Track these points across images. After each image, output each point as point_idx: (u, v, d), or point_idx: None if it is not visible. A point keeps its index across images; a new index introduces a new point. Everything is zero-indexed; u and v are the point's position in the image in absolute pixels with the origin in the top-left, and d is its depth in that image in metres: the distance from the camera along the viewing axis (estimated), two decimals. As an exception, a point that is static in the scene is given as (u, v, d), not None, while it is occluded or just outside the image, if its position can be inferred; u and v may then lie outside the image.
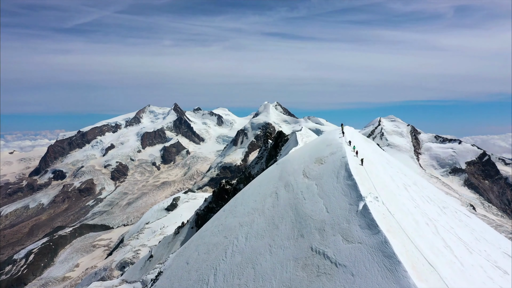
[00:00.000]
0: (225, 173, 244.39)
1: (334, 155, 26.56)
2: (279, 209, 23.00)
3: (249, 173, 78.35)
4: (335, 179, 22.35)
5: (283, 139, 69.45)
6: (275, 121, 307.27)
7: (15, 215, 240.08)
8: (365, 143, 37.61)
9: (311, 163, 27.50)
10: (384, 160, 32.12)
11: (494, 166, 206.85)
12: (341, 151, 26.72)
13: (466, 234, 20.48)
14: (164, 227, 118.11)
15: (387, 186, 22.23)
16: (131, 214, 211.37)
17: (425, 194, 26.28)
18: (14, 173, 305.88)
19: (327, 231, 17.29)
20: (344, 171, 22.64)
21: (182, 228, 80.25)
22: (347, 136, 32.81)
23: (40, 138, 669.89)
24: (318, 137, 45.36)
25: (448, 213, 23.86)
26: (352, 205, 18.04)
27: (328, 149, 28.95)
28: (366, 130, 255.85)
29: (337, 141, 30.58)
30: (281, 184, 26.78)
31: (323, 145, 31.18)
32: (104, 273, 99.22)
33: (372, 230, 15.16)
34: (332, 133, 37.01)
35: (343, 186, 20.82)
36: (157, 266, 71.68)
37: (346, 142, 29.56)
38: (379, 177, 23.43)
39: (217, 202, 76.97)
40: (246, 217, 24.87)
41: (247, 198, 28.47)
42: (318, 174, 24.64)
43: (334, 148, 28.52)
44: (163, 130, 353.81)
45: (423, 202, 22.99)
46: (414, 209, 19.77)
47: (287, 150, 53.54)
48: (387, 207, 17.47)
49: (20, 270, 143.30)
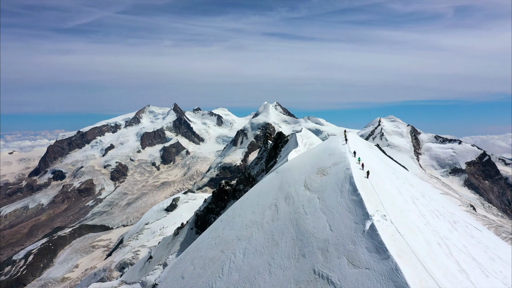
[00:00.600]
0: (225, 173, 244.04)
1: (337, 166, 25.45)
2: (279, 224, 21.95)
3: (249, 174, 78.06)
4: (339, 193, 21.23)
5: (283, 140, 69.27)
6: (274, 121, 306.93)
7: (15, 215, 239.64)
8: (368, 149, 36.32)
9: (312, 173, 26.34)
10: (390, 170, 31.06)
11: (494, 166, 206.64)
12: (344, 162, 25.57)
13: (480, 253, 19.49)
14: (163, 227, 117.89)
15: (395, 201, 21.21)
16: (131, 215, 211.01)
17: (434, 207, 25.33)
18: (14, 173, 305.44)
19: (331, 252, 16.17)
20: (349, 184, 21.56)
21: (182, 229, 79.98)
22: (350, 143, 31.53)
23: (39, 138, 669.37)
24: (320, 143, 43.33)
25: (459, 229, 22.98)
26: (358, 224, 16.91)
27: (330, 159, 27.81)
28: (366, 130, 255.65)
29: (340, 150, 29.38)
30: (281, 196, 25.66)
31: (325, 154, 29.93)
32: (104, 274, 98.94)
33: (381, 255, 14.02)
34: (335, 140, 35.58)
35: (348, 202, 19.66)
36: (157, 267, 71.57)
37: (350, 151, 28.36)
38: (386, 190, 22.42)
39: (216, 203, 76.71)
40: (244, 230, 23.84)
41: (245, 209, 27.30)
42: (321, 187, 23.53)
43: (337, 158, 27.32)
44: (163, 130, 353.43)
45: (432, 218, 21.98)
46: (424, 227, 18.75)
47: (287, 151, 53.37)
48: (396, 227, 16.37)
49: (19, 271, 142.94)
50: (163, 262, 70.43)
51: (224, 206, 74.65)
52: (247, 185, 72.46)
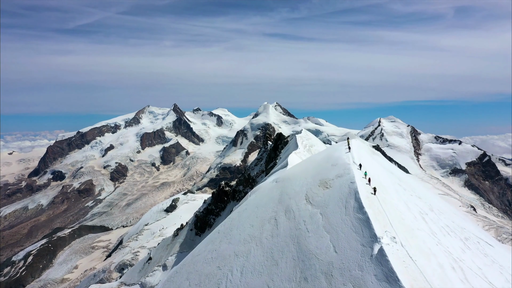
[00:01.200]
0: (225, 173, 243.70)
1: (341, 179, 23.99)
2: (279, 241, 20.81)
3: (249, 175, 77.78)
4: (343, 209, 20.00)
5: (282, 141, 69.02)
6: (274, 121, 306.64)
7: (14, 216, 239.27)
8: (372, 157, 34.79)
9: (314, 185, 24.99)
10: (396, 181, 29.52)
11: (495, 166, 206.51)
12: (349, 175, 24.11)
13: (496, 275, 18.35)
14: (163, 228, 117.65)
15: (404, 218, 20.02)
16: (131, 215, 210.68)
17: (444, 222, 24.21)
18: (13, 174, 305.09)
19: (335, 278, 15.09)
20: (354, 200, 20.29)
21: (181, 230, 79.74)
22: (353, 151, 30.09)
23: (39, 139, 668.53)
24: (321, 151, 40.96)
25: (472, 246, 21.97)
26: (365, 247, 15.73)
27: (333, 170, 26.29)
28: (366, 130, 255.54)
29: (343, 160, 27.75)
30: (281, 209, 24.39)
31: (328, 164, 28.31)
32: (103, 275, 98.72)
33: (392, 285, 12.93)
34: (337, 148, 33.86)
35: (353, 220, 18.45)
36: (156, 268, 71.31)
37: (354, 162, 26.88)
38: (394, 206, 21.24)
39: (216, 204, 76.49)
40: (242, 245, 22.68)
41: (243, 221, 25.96)
42: (323, 201, 22.31)
43: (341, 169, 25.76)
44: (163, 130, 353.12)
45: (443, 235, 20.91)
46: (436, 248, 17.69)
47: (287, 153, 53.11)
48: (407, 251, 15.19)
49: (18, 272, 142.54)
50: (163, 264, 70.20)
51: (224, 207, 74.41)
52: (247, 186, 72.19)
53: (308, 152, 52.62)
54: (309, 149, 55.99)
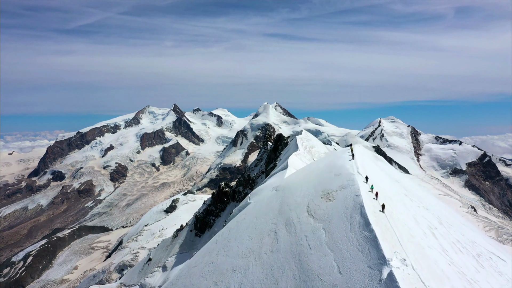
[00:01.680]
0: (225, 174, 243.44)
1: (345, 191, 22.79)
2: (279, 256, 19.68)
3: (249, 176, 77.57)
4: (348, 225, 18.88)
5: (282, 142, 68.89)
6: (274, 122, 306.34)
7: (14, 216, 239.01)
8: (376, 164, 33.11)
9: (316, 197, 23.86)
10: (402, 191, 28.20)
11: (495, 167, 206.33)
12: (353, 186, 22.75)
13: None
14: (163, 229, 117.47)
15: (413, 235, 18.90)
16: (130, 216, 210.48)
17: (454, 236, 23.22)
18: (13, 174, 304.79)
19: None
20: (359, 216, 19.07)
21: (181, 231, 79.54)
22: (357, 159, 28.89)
23: (39, 139, 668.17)
24: (324, 157, 38.95)
25: (485, 264, 21.01)
26: (373, 270, 14.68)
27: (337, 180, 24.99)
28: (366, 131, 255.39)
29: (347, 170, 26.28)
30: (281, 221, 23.23)
31: (331, 173, 26.92)
32: (103, 276, 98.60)
33: None
34: (340, 156, 32.31)
35: (359, 238, 17.27)
36: (156, 269, 71.08)
37: (359, 172, 25.57)
38: (402, 221, 20.15)
39: (216, 205, 76.23)
40: (240, 259, 21.62)
41: (242, 232, 24.86)
42: (326, 215, 21.13)
43: (345, 180, 24.45)
44: (163, 131, 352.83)
45: (455, 252, 19.94)
46: (449, 269, 16.77)
47: (287, 154, 52.88)
48: (419, 274, 14.14)
49: (18, 272, 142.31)
50: (162, 265, 69.97)
51: (224, 208, 74.17)
52: (247, 187, 71.97)
53: (308, 153, 52.45)
54: (309, 151, 55.76)
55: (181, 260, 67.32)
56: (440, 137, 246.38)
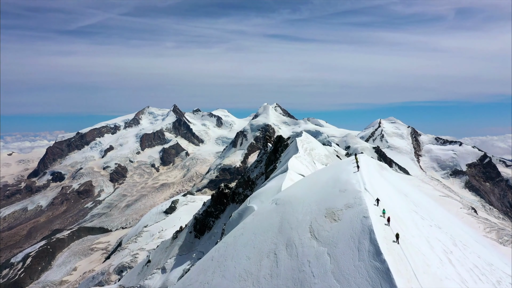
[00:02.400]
0: (225, 175, 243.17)
1: (351, 210, 21.09)
2: (279, 283, 18.13)
3: (248, 177, 77.30)
4: (356, 252, 17.22)
5: (282, 144, 68.69)
6: (274, 122, 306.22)
7: (13, 217, 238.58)
8: (381, 175, 30.90)
9: (320, 215, 22.14)
10: (412, 207, 26.24)
11: (495, 168, 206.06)
12: (360, 206, 20.97)
13: None
14: (162, 230, 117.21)
15: (429, 264, 17.34)
16: (130, 216, 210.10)
17: (471, 261, 21.61)
18: (13, 175, 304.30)
19: None
20: (369, 242, 17.37)
21: (181, 233, 79.24)
22: (363, 172, 26.93)
23: (39, 139, 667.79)
24: (327, 167, 35.85)
25: None
26: None
27: (342, 197, 23.12)
28: (366, 132, 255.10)
29: (353, 186, 24.29)
30: (282, 241, 21.51)
31: (335, 188, 24.87)
32: (102, 277, 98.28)
33: None
34: (345, 167, 30.06)
35: (369, 269, 15.76)
36: (155, 271, 70.73)
37: (366, 188, 23.60)
38: (416, 248, 18.51)
39: (215, 206, 75.93)
40: (237, 282, 20.23)
41: (239, 250, 23.29)
42: (331, 237, 19.44)
43: (351, 197, 22.57)
44: (162, 131, 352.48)
45: (475, 282, 18.26)
46: None
47: (287, 156, 52.55)
48: None
49: (17, 274, 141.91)
50: (162, 266, 69.68)
51: (223, 210, 73.85)
52: (247, 189, 71.70)
53: (309, 156, 52.08)
54: (309, 153, 55.42)
55: (180, 262, 67.01)
56: (440, 138, 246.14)
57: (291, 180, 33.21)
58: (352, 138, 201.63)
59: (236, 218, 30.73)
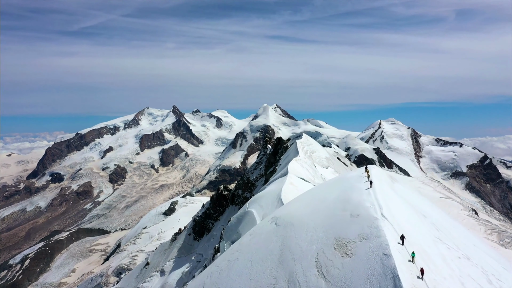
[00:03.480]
0: (224, 176, 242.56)
1: (367, 243, 17.62)
2: None
3: (248, 179, 76.58)
4: None
5: (282, 146, 68.02)
6: (274, 123, 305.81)
7: (12, 218, 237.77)
8: (393, 190, 27.15)
9: (328, 246, 18.78)
10: (433, 231, 22.35)
11: (496, 169, 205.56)
12: (379, 238, 17.37)
13: None
14: (161, 232, 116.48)
15: None
16: (129, 218, 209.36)
17: None
18: (12, 175, 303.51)
19: None
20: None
21: (179, 235, 78.50)
22: (376, 190, 22.92)
23: (39, 140, 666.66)
24: (333, 181, 30.70)
25: None
26: None
27: (355, 224, 19.36)
28: (366, 133, 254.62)
29: (367, 210, 20.24)
30: (283, 275, 18.39)
31: (345, 211, 20.97)
32: (100, 279, 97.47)
33: None
34: (354, 184, 25.66)
35: None
36: (153, 274, 70.01)
37: (383, 214, 19.92)
38: None
39: (214, 208, 75.21)
40: None
41: (233, 280, 20.49)
42: (344, 279, 16.28)
43: (365, 225, 18.81)
44: (162, 132, 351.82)
45: None
46: None
47: (287, 159, 51.93)
48: None
49: (15, 275, 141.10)
50: (160, 269, 68.93)
51: (223, 212, 73.14)
52: (246, 190, 70.98)
53: (309, 158, 51.39)
54: (310, 156, 54.71)
55: (179, 265, 66.33)
56: (441, 139, 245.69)
57: (291, 184, 32.29)
58: (352, 139, 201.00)
59: (235, 224, 29.92)
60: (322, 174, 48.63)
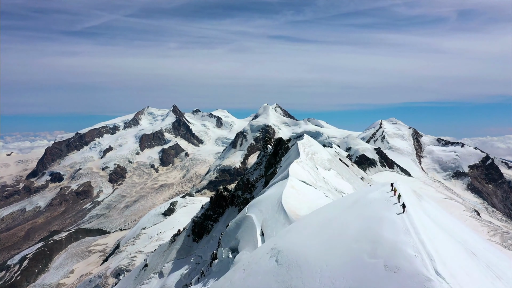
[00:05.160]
0: (224, 176, 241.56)
1: None
2: None
3: (248, 180, 75.50)
4: None
5: (283, 146, 66.93)
6: (274, 123, 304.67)
7: (12, 218, 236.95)
8: (424, 212, 19.50)
9: None
10: (481, 266, 15.45)
11: (498, 169, 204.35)
12: None
13: None
14: (160, 232, 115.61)
15: None
16: (129, 218, 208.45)
17: None
18: (11, 175, 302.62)
19: None
20: None
21: (178, 236, 77.54)
22: (412, 216, 16.42)
23: (39, 139, 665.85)
24: (352, 203, 21.30)
25: None
26: None
27: (392, 282, 12.21)
28: (367, 132, 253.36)
29: (412, 261, 12.76)
30: None
31: (376, 259, 13.66)
32: (99, 280, 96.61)
33: None
34: (380, 210, 18.24)
35: None
36: (152, 275, 68.89)
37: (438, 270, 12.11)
38: None
39: (214, 209, 74.18)
40: None
41: None
42: None
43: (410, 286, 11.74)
44: (162, 132, 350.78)
45: None
46: None
47: (288, 161, 50.65)
48: None
49: (13, 276, 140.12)
50: (159, 271, 67.87)
51: (222, 213, 72.13)
52: (246, 191, 69.92)
53: (311, 160, 50.22)
54: (311, 157, 53.55)
55: (178, 266, 65.27)
56: (442, 139, 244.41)
57: (292, 188, 31.10)
58: (353, 139, 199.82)
59: (233, 229, 28.76)
60: (324, 176, 47.39)
